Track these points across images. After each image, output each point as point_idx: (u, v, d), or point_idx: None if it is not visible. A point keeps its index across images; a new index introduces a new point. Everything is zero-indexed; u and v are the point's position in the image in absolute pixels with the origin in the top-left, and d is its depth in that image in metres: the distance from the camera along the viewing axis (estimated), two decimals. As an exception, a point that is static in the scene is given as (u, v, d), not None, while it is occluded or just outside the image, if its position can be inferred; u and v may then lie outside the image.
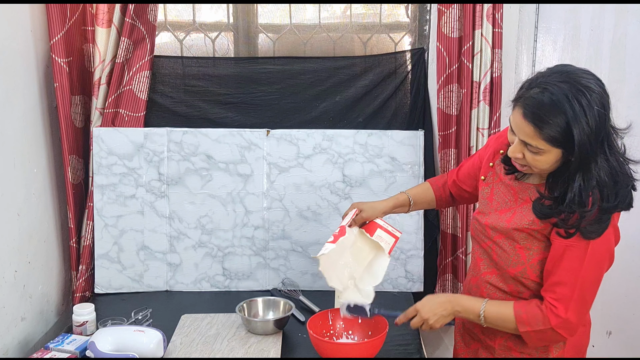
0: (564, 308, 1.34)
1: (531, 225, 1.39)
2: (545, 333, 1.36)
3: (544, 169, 1.32)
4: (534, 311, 1.37)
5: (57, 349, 1.61)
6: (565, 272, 1.34)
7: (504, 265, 1.45)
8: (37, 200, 1.89)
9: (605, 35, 2.09)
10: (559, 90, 1.23)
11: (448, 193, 1.75)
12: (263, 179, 2.07)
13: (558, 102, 1.22)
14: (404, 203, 1.72)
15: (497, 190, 1.50)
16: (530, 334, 1.38)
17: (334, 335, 1.67)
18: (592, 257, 1.32)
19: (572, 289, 1.33)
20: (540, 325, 1.36)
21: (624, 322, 2.29)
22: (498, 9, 1.97)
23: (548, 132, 1.24)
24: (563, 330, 1.35)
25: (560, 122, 1.22)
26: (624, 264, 2.23)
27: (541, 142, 1.26)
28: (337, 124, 2.15)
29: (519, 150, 1.32)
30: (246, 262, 2.09)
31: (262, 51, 2.23)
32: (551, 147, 1.26)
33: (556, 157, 1.28)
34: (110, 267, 2.06)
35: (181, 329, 1.77)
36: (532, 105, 1.25)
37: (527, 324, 1.37)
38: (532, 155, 1.30)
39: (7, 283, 1.70)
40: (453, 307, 1.47)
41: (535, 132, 1.25)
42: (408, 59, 2.16)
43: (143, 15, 2.00)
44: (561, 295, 1.34)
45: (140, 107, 2.07)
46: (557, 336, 1.37)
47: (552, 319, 1.35)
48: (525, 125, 1.26)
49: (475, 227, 1.55)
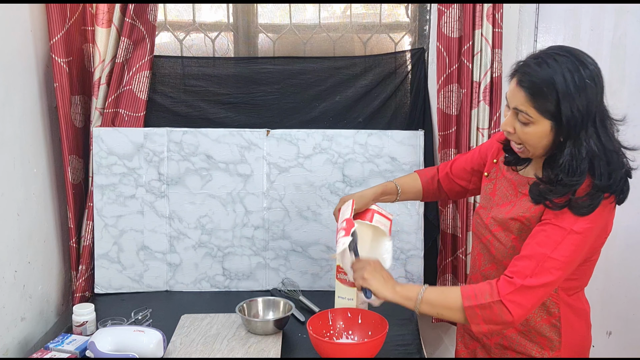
0: (521, 278, 1.27)
1: (525, 213, 1.38)
2: (492, 308, 1.28)
3: (534, 143, 1.32)
4: (483, 286, 1.32)
5: (57, 349, 1.61)
6: (537, 246, 1.30)
7: (501, 258, 1.45)
8: (37, 200, 1.89)
9: (605, 35, 2.09)
10: (556, 63, 1.26)
11: (436, 186, 1.74)
12: (263, 179, 2.07)
13: (553, 73, 1.25)
14: (391, 191, 1.72)
15: (499, 186, 1.51)
16: (475, 310, 1.29)
17: (334, 335, 1.67)
18: (571, 240, 1.29)
19: (536, 263, 1.28)
20: (487, 297, 1.28)
21: (624, 322, 2.29)
22: (498, 9, 1.98)
23: (540, 101, 1.27)
24: (512, 304, 1.26)
25: (552, 93, 1.25)
26: (624, 264, 2.24)
27: (532, 109, 1.28)
28: (337, 124, 2.15)
29: (511, 124, 1.33)
30: (246, 262, 2.09)
31: (262, 51, 2.23)
32: (540, 117, 1.28)
33: (545, 131, 1.29)
34: (110, 267, 2.06)
35: (181, 329, 1.77)
36: (528, 74, 1.28)
37: (474, 298, 1.29)
38: (522, 127, 1.31)
39: (7, 283, 1.70)
40: (394, 284, 1.41)
41: (527, 99, 1.28)
42: (408, 59, 2.16)
43: (143, 15, 2.00)
44: (521, 268, 1.29)
45: (140, 107, 2.07)
46: (504, 313, 1.27)
47: (502, 287, 1.28)
48: (518, 92, 1.30)
49: (477, 222, 1.55)
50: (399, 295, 1.38)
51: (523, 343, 1.46)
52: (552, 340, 1.43)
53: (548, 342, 1.43)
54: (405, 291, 1.38)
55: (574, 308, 1.44)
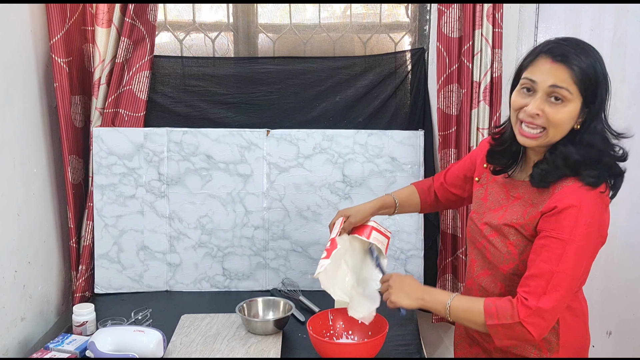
0: (535, 300, 1.30)
1: (519, 220, 1.38)
2: (514, 329, 1.31)
3: (561, 126, 1.31)
4: (504, 304, 1.33)
5: (57, 349, 1.61)
6: (542, 264, 1.31)
7: (496, 264, 1.44)
8: (37, 200, 1.89)
9: (605, 35, 2.09)
10: (590, 50, 1.31)
11: (433, 197, 1.75)
12: (263, 179, 2.07)
13: (594, 60, 1.29)
14: (389, 205, 1.73)
15: (491, 191, 1.51)
16: (497, 329, 1.33)
17: (334, 335, 1.67)
18: (572, 250, 1.30)
19: (546, 282, 1.30)
20: (508, 318, 1.31)
21: (624, 323, 2.29)
22: (498, 9, 1.97)
23: (581, 76, 1.27)
24: (531, 325, 1.30)
25: (590, 63, 1.28)
26: (624, 264, 2.24)
27: (572, 85, 1.28)
28: (337, 124, 2.15)
29: (540, 106, 1.30)
30: (246, 262, 2.09)
31: (262, 51, 2.23)
32: (578, 96, 1.28)
33: (575, 111, 1.30)
34: (110, 267, 2.06)
35: (181, 329, 1.77)
36: (563, 50, 1.29)
37: (496, 317, 1.33)
38: (554, 109, 1.29)
39: (7, 283, 1.70)
40: (422, 294, 1.45)
41: (568, 72, 1.28)
42: (408, 59, 2.16)
43: (143, 15, 2.00)
44: (534, 288, 1.31)
45: (140, 107, 2.07)
46: (525, 333, 1.31)
47: (521, 311, 1.30)
48: (558, 68, 1.28)
49: (472, 227, 1.55)
50: (429, 307, 1.44)
51: (522, 345, 1.45)
52: (550, 342, 1.43)
53: (546, 343, 1.43)
54: (434, 303, 1.43)
55: (572, 309, 1.44)
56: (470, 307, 1.38)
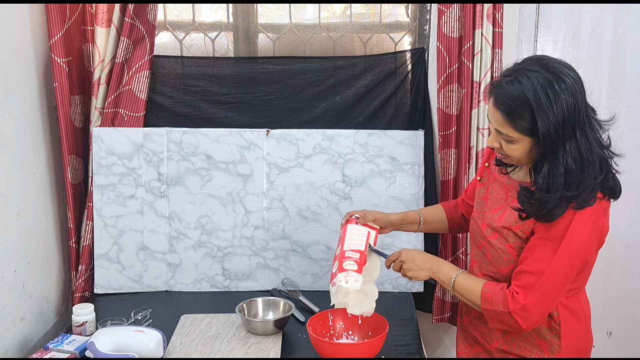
0: (524, 295, 1.34)
1: (516, 223, 1.40)
2: (504, 316, 1.37)
3: (520, 158, 1.36)
4: (498, 292, 1.39)
5: (56, 349, 1.61)
6: (534, 261, 1.35)
7: (497, 265, 1.46)
8: (37, 200, 1.89)
9: (605, 35, 2.09)
10: (528, 80, 1.27)
11: (460, 214, 1.75)
12: (263, 179, 2.07)
13: (525, 92, 1.26)
14: (413, 220, 1.73)
15: (492, 190, 1.52)
16: (490, 313, 1.40)
17: (334, 335, 1.66)
18: (564, 252, 1.32)
19: (536, 279, 1.33)
20: (500, 307, 1.37)
21: (625, 323, 2.29)
22: (498, 8, 1.97)
23: (517, 121, 1.29)
24: (520, 317, 1.35)
25: (526, 113, 1.27)
26: (624, 264, 2.23)
27: (511, 130, 1.31)
28: (337, 124, 2.15)
29: (495, 140, 1.37)
30: (246, 262, 2.08)
31: (262, 51, 2.23)
32: (521, 136, 1.31)
33: (529, 146, 1.32)
34: (109, 268, 2.05)
35: (181, 329, 1.77)
36: (502, 95, 1.31)
37: (490, 303, 1.39)
38: (507, 144, 1.35)
39: (6, 283, 1.70)
40: (432, 265, 1.50)
41: (505, 120, 1.31)
42: (408, 58, 2.16)
43: (143, 15, 2.00)
44: (525, 283, 1.35)
45: (140, 107, 2.06)
46: (514, 322, 1.36)
47: (510, 303, 1.35)
48: (496, 113, 1.33)
49: (473, 227, 1.56)
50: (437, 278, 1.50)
51: (523, 346, 1.46)
52: (552, 343, 1.43)
53: (548, 344, 1.44)
54: (440, 275, 1.49)
55: (573, 310, 1.44)
56: (471, 287, 1.44)
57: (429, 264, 1.50)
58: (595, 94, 2.10)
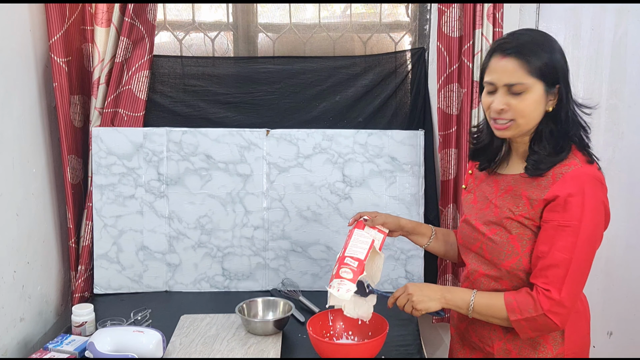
0: (557, 290, 1.32)
1: (522, 212, 1.39)
2: (537, 321, 1.34)
3: (530, 114, 1.35)
4: (524, 298, 1.35)
5: (56, 349, 1.60)
6: (557, 251, 1.32)
7: (497, 261, 1.43)
8: (36, 200, 1.88)
9: (606, 34, 2.09)
10: (530, 31, 1.41)
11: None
12: (263, 179, 2.07)
13: (534, 34, 1.37)
14: (425, 232, 1.68)
15: (479, 193, 1.53)
16: (521, 323, 1.35)
17: (334, 335, 1.66)
18: (585, 234, 1.32)
19: (565, 270, 1.32)
20: (532, 312, 1.33)
21: (625, 323, 2.28)
22: (498, 8, 1.97)
23: (531, 61, 1.32)
24: (555, 315, 1.32)
25: (538, 50, 1.32)
26: (624, 264, 2.23)
27: (524, 75, 1.33)
28: (337, 124, 2.15)
29: (504, 102, 1.36)
30: (246, 263, 2.08)
31: (261, 51, 2.22)
32: (535, 81, 1.33)
33: (540, 95, 1.34)
34: (109, 268, 2.05)
35: (180, 329, 1.77)
36: (513, 44, 1.34)
37: (518, 312, 1.35)
38: (517, 100, 1.34)
39: (6, 283, 1.70)
40: (444, 293, 1.45)
41: (518, 64, 1.32)
42: (408, 58, 2.16)
43: (142, 15, 2.00)
44: (554, 279, 1.32)
45: (140, 106, 2.06)
46: (549, 323, 1.33)
47: (544, 303, 1.32)
48: (507, 62, 1.33)
49: (464, 232, 1.54)
50: (451, 305, 1.45)
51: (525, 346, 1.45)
52: (555, 338, 1.43)
53: (551, 339, 1.44)
54: (456, 301, 1.44)
55: (576, 307, 1.44)
56: (492, 303, 1.40)
57: (440, 293, 1.45)
58: (595, 94, 2.10)
